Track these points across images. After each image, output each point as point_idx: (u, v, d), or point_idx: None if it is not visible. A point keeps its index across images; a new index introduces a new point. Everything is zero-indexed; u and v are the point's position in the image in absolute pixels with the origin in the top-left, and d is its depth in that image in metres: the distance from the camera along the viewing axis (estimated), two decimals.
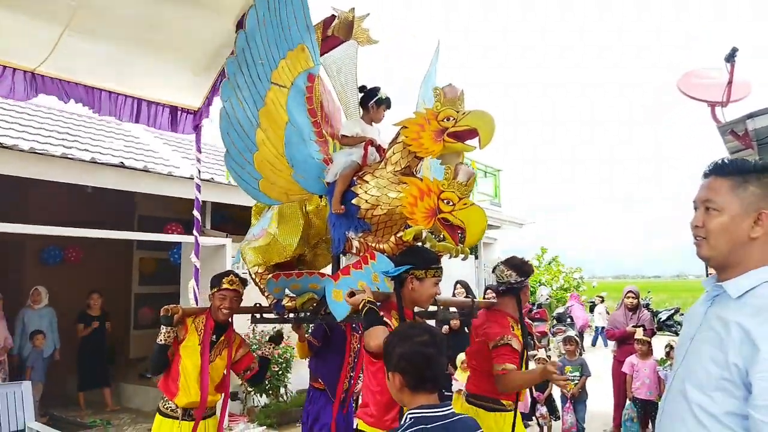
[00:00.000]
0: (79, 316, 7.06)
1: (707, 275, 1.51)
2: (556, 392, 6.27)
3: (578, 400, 6.06)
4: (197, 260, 3.92)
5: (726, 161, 1.47)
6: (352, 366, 3.82)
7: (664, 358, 6.38)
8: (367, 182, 2.65)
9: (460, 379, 5.27)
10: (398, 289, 2.48)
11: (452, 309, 3.19)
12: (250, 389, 6.60)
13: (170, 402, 3.10)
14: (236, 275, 3.23)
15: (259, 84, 2.69)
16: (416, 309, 2.65)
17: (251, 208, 3.79)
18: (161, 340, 3.01)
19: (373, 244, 2.66)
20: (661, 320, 14.63)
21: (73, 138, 6.55)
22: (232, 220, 8.08)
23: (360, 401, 2.62)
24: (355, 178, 2.71)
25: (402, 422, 1.68)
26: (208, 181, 6.55)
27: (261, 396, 6.76)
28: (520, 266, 3.11)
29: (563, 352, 6.54)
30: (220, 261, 6.81)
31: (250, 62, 2.67)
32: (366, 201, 2.62)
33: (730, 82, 3.93)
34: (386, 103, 2.94)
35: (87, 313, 7.06)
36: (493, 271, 3.21)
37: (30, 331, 6.64)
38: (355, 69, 3.20)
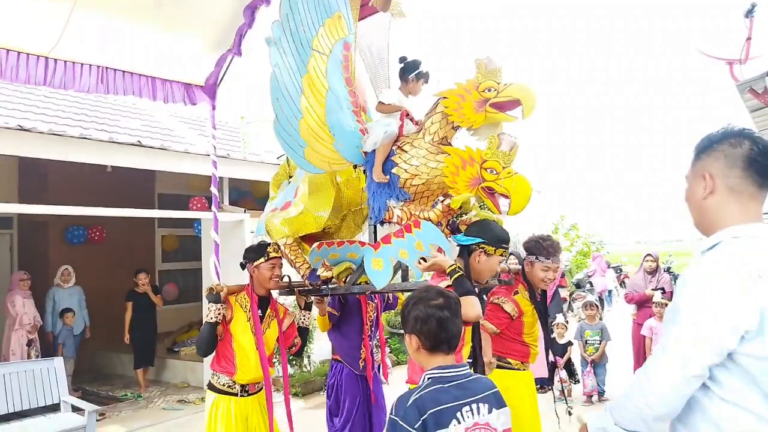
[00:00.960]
0: (128, 295, 7.15)
1: None
2: (575, 357, 6.33)
3: (599, 363, 6.12)
4: (217, 236, 3.98)
5: (702, 138, 1.55)
6: (371, 336, 3.85)
7: None
8: (406, 152, 2.65)
9: None
10: (466, 258, 2.55)
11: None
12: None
13: (227, 378, 3.06)
14: (275, 243, 3.20)
15: (302, 50, 2.66)
16: None
17: (268, 182, 3.80)
18: (211, 318, 2.94)
19: (418, 213, 2.66)
20: None
21: (90, 119, 6.60)
22: (250, 195, 8.17)
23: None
24: (394, 148, 2.70)
25: (420, 382, 1.74)
26: (224, 157, 6.59)
27: None
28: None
29: (584, 317, 6.57)
30: (239, 236, 6.90)
31: (293, 28, 2.64)
32: (406, 171, 2.63)
33: (749, 39, 3.82)
34: (425, 77, 2.90)
35: (135, 291, 7.16)
36: None
37: (60, 309, 6.80)
38: (388, 42, 3.15)
